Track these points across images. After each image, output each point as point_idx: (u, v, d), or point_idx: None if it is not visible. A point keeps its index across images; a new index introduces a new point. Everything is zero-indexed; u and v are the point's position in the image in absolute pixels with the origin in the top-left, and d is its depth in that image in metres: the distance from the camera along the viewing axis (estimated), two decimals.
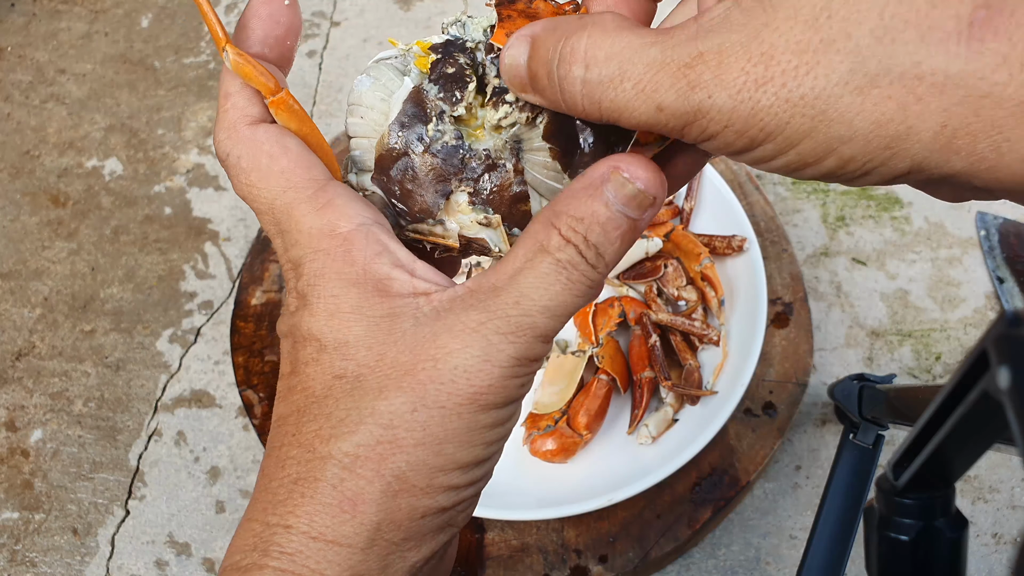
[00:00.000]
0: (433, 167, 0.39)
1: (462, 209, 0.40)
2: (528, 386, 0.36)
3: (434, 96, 0.39)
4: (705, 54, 0.32)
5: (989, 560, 0.85)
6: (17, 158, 1.16)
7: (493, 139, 0.39)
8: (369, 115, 0.40)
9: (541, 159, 0.39)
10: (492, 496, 0.82)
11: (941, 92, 0.29)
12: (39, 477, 0.94)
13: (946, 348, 0.96)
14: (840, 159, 0.32)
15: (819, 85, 0.30)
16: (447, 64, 0.39)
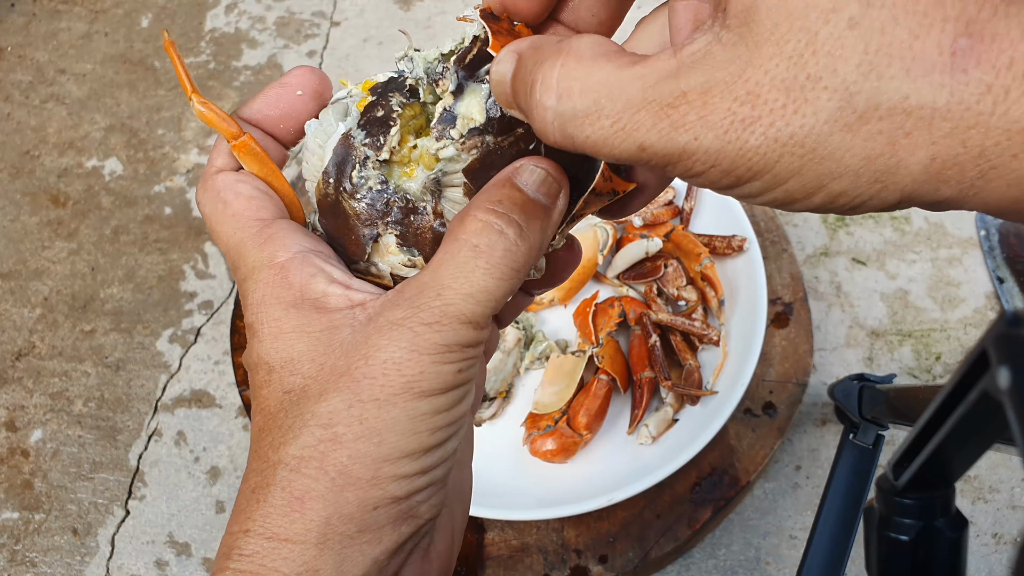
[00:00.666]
0: (359, 212, 0.40)
1: (391, 251, 0.40)
2: (470, 371, 0.36)
3: (359, 142, 0.39)
4: (688, 93, 0.31)
5: (989, 560, 0.85)
6: (17, 158, 1.16)
7: (421, 177, 0.39)
8: (311, 159, 0.41)
9: (459, 196, 0.39)
10: (492, 496, 0.82)
11: (929, 125, 0.29)
12: (39, 477, 0.94)
13: (946, 348, 0.96)
14: (829, 194, 0.31)
15: (808, 123, 0.30)
16: (377, 108, 0.40)
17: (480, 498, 0.81)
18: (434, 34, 1.24)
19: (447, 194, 0.39)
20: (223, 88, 1.21)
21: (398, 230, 0.40)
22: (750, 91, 0.30)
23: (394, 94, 0.40)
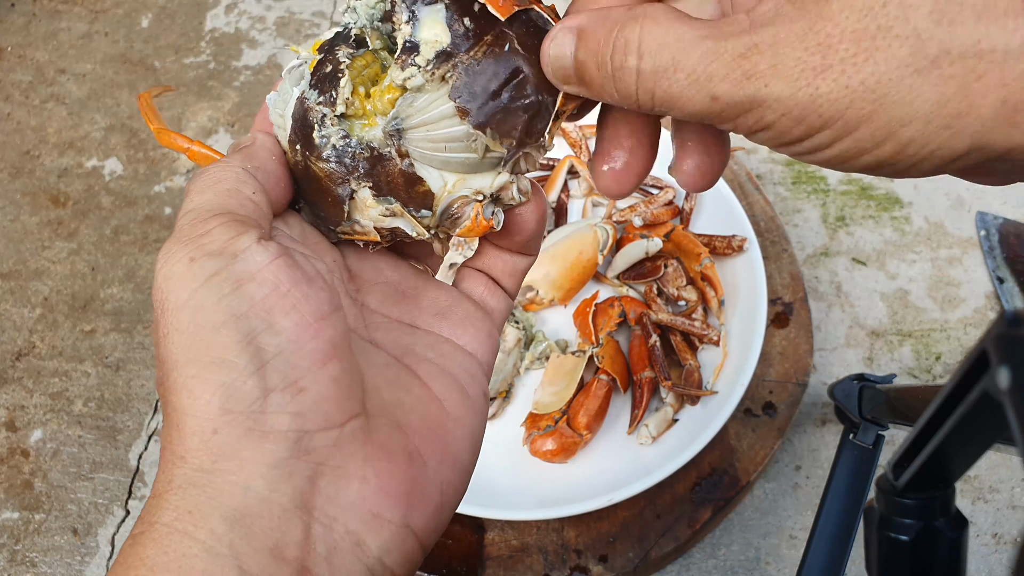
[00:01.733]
0: (329, 172, 0.39)
1: (370, 204, 0.40)
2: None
3: (314, 102, 0.39)
4: (760, 45, 0.32)
5: (989, 560, 0.85)
6: (17, 158, 1.16)
7: (381, 124, 0.39)
8: (280, 133, 0.41)
9: (424, 135, 0.38)
10: (492, 496, 0.82)
11: (1001, 68, 0.30)
12: (39, 477, 0.94)
13: (946, 348, 0.96)
14: (898, 143, 0.32)
15: (879, 70, 0.31)
16: (325, 64, 0.40)
17: (480, 498, 0.81)
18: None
19: (412, 135, 0.38)
20: (223, 88, 1.21)
21: (370, 182, 0.39)
22: (821, 42, 0.31)
23: (340, 47, 0.40)
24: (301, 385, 0.33)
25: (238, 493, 0.32)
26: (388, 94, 0.39)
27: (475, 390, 0.39)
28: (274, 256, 0.34)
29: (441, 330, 0.41)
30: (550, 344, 0.91)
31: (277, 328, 0.33)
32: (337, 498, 0.33)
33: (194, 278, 0.33)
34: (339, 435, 0.33)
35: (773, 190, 1.06)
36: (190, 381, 0.32)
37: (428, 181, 0.39)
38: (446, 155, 0.39)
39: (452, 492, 0.37)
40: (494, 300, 0.43)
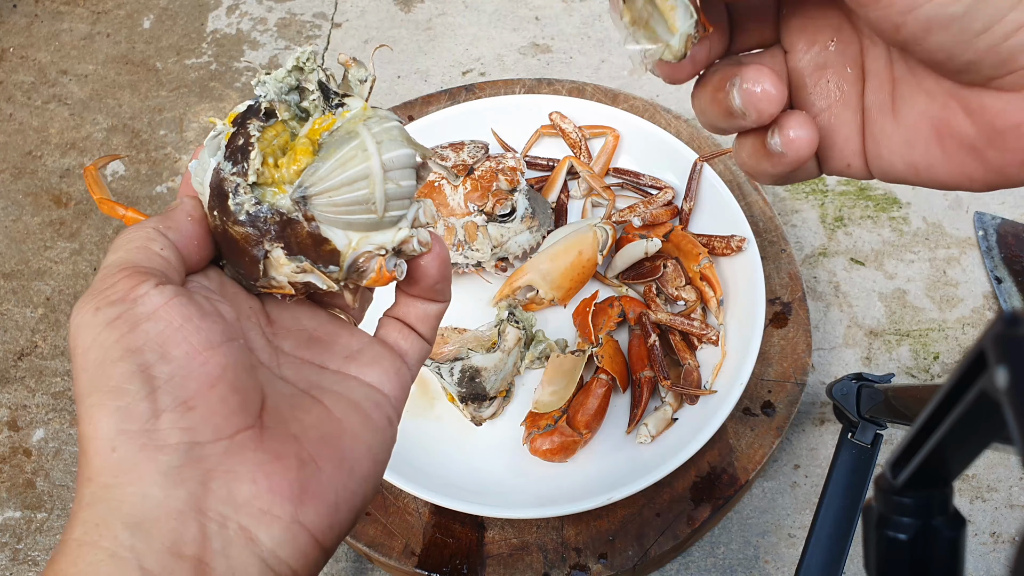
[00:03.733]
0: (245, 235, 0.43)
1: (283, 262, 0.44)
2: None
3: (228, 173, 0.43)
4: None
5: (987, 559, 0.86)
6: (19, 158, 1.17)
7: (288, 191, 0.43)
8: (202, 199, 0.44)
9: (327, 201, 0.42)
10: (492, 495, 0.82)
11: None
12: (41, 476, 0.94)
13: (944, 348, 0.97)
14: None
15: None
16: (237, 137, 0.43)
17: (480, 496, 0.81)
18: (434, 35, 1.24)
19: (317, 201, 0.42)
20: (224, 89, 1.21)
21: (282, 243, 0.43)
22: None
23: (252, 120, 0.44)
24: (191, 404, 0.37)
25: (137, 501, 0.36)
26: (295, 164, 0.43)
27: (378, 415, 0.43)
28: (170, 297, 0.39)
29: (349, 369, 0.45)
30: (550, 344, 0.91)
31: (169, 358, 0.37)
32: (229, 498, 0.37)
33: (97, 324, 0.38)
34: (229, 444, 0.38)
35: (771, 190, 1.07)
36: (91, 409, 0.37)
37: (334, 240, 0.43)
38: (348, 217, 0.43)
39: (349, 496, 0.41)
40: (407, 343, 0.47)
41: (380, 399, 0.44)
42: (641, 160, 1.01)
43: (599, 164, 1.00)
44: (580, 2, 1.27)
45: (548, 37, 1.23)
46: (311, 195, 0.42)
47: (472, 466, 0.85)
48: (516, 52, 1.22)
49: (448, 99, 1.10)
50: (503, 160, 0.95)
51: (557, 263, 0.91)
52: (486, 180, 0.93)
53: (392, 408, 0.45)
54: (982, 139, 0.39)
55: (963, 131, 0.40)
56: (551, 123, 1.02)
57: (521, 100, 1.05)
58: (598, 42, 1.23)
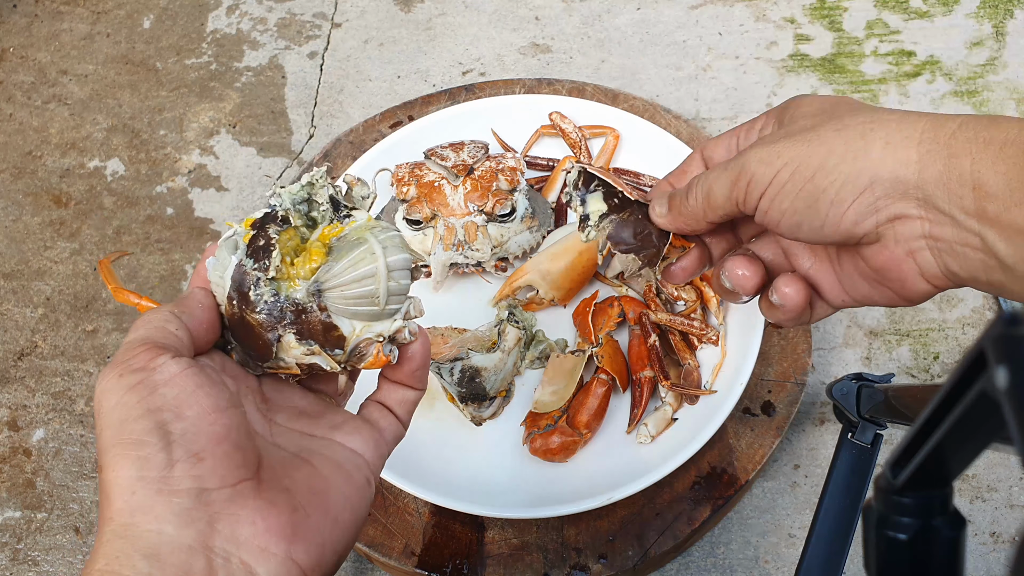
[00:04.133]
0: (261, 322, 0.51)
1: (292, 345, 0.51)
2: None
3: (250, 268, 0.51)
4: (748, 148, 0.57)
5: (987, 559, 0.86)
6: (19, 158, 1.17)
7: (303, 286, 0.51)
8: (217, 290, 0.52)
9: (339, 294, 0.51)
10: (492, 495, 0.82)
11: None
12: (41, 476, 0.94)
13: (944, 348, 0.97)
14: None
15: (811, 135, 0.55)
16: (259, 239, 0.52)
17: (480, 497, 0.81)
18: (434, 35, 1.25)
19: (330, 294, 0.51)
20: (224, 89, 1.21)
21: (295, 329, 0.51)
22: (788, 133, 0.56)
23: (270, 225, 0.52)
24: (201, 456, 0.43)
25: (153, 537, 0.41)
26: (309, 263, 0.52)
27: (358, 475, 0.50)
28: (184, 367, 0.45)
29: (334, 436, 0.52)
30: (550, 344, 0.92)
31: (183, 417, 0.44)
32: (232, 537, 0.43)
33: (121, 388, 0.44)
34: (233, 492, 0.44)
35: None
36: (114, 459, 0.42)
37: (341, 328, 0.51)
38: (355, 308, 0.51)
39: (333, 541, 0.47)
40: (385, 422, 0.54)
41: (360, 462, 0.51)
42: (641, 160, 1.01)
43: (599, 164, 1.00)
44: (580, 2, 1.27)
45: (548, 37, 1.24)
46: (325, 289, 0.51)
47: (472, 466, 0.85)
48: (516, 52, 1.22)
49: (448, 99, 1.10)
50: (503, 160, 0.95)
51: (557, 263, 0.91)
52: (486, 180, 0.93)
53: (370, 471, 0.52)
54: (876, 275, 0.56)
55: (867, 271, 0.57)
56: (551, 123, 1.02)
57: (521, 100, 1.05)
58: (598, 42, 1.23)
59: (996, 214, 0.48)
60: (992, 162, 0.48)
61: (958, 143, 0.50)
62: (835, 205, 0.53)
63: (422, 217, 0.92)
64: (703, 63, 1.20)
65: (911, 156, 0.51)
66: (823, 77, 1.17)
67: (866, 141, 0.52)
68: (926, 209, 0.51)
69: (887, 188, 0.52)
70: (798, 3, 1.24)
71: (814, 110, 0.57)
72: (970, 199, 0.49)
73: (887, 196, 0.52)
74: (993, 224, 0.49)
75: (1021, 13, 1.21)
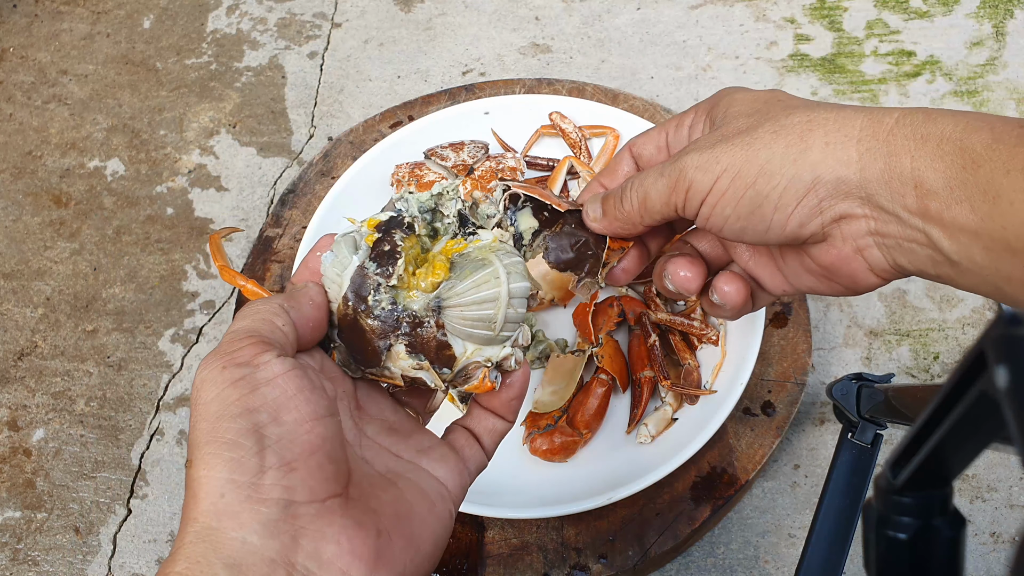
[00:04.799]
0: (375, 328, 0.50)
1: (401, 356, 0.51)
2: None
3: (372, 272, 0.50)
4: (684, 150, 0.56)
5: (987, 559, 0.86)
6: (19, 158, 1.17)
7: (423, 298, 0.51)
8: (331, 286, 0.51)
9: (458, 314, 0.50)
10: (492, 495, 0.82)
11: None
12: (41, 476, 0.94)
13: (944, 348, 0.97)
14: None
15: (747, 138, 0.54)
16: (384, 243, 0.51)
17: (480, 497, 0.81)
18: (434, 35, 1.25)
19: (448, 312, 0.50)
20: (224, 89, 1.21)
21: (407, 340, 0.50)
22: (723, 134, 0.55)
23: (396, 231, 0.51)
24: (293, 466, 0.42)
25: (236, 545, 0.40)
26: (432, 276, 0.51)
27: (441, 506, 0.49)
28: (288, 368, 0.44)
29: (420, 462, 0.51)
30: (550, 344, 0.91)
31: (280, 421, 0.43)
32: (315, 555, 0.42)
33: (223, 381, 0.43)
34: (321, 507, 0.43)
35: None
36: (207, 457, 0.42)
37: (454, 347, 0.51)
38: (471, 330, 0.51)
39: (413, 569, 0.46)
40: (471, 451, 0.53)
41: (444, 492, 0.50)
42: None
43: (599, 164, 1.00)
44: (580, 2, 1.27)
45: (548, 37, 1.24)
46: (445, 306, 0.51)
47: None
48: (516, 52, 1.22)
49: (448, 99, 1.10)
50: (503, 160, 0.95)
51: None
52: (486, 180, 0.93)
53: (453, 503, 0.51)
54: (825, 271, 0.56)
55: (814, 268, 0.56)
56: (551, 123, 1.02)
57: (521, 100, 1.05)
58: (598, 42, 1.23)
59: (938, 212, 0.49)
60: (931, 160, 0.48)
61: (896, 140, 0.50)
62: (779, 210, 0.53)
63: None
64: (703, 63, 1.20)
65: (851, 155, 0.51)
66: (823, 77, 1.17)
67: (805, 142, 0.51)
68: (870, 208, 0.51)
69: (830, 189, 0.51)
70: (798, 3, 1.24)
71: (747, 108, 0.56)
72: (912, 197, 0.49)
73: (830, 197, 0.52)
74: (936, 222, 0.49)
75: (1021, 13, 1.21)
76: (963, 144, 0.48)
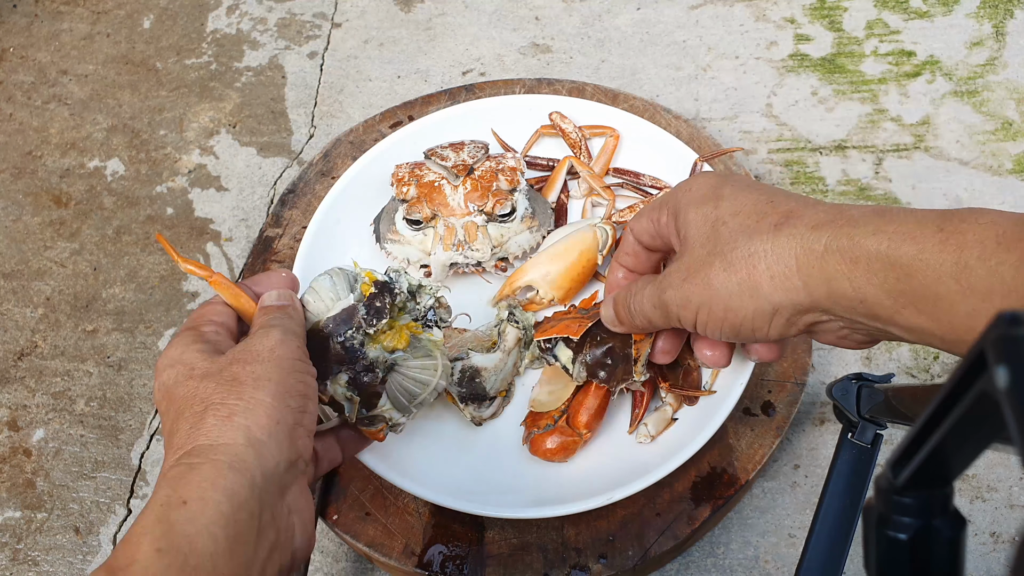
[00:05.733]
0: (336, 353, 0.66)
1: (341, 384, 0.66)
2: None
3: (361, 316, 0.66)
4: (664, 277, 0.67)
5: (987, 559, 0.86)
6: (19, 159, 1.17)
7: (380, 352, 0.67)
8: (319, 303, 0.67)
9: (400, 380, 0.69)
10: (492, 495, 0.82)
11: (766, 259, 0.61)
12: (41, 476, 0.94)
13: None
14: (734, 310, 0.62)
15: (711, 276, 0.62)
16: (377, 299, 0.67)
17: (480, 496, 0.81)
18: (434, 35, 1.25)
19: (396, 373, 0.69)
20: (224, 89, 1.21)
21: (352, 374, 0.66)
22: (685, 269, 0.64)
23: (387, 295, 0.68)
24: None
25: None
26: (396, 342, 0.69)
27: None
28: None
29: None
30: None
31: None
32: None
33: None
34: None
35: None
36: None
37: (380, 400, 0.68)
38: (398, 395, 0.69)
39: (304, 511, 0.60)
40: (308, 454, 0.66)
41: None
42: (641, 160, 1.01)
43: (599, 164, 1.00)
44: (580, 2, 1.27)
45: (548, 37, 1.24)
46: (394, 370, 0.69)
47: (472, 466, 0.85)
48: (516, 52, 1.22)
49: (448, 99, 1.10)
50: (503, 160, 0.95)
51: (557, 263, 0.91)
52: (486, 180, 0.93)
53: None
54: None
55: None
56: (551, 123, 1.02)
57: (521, 100, 1.05)
58: (598, 42, 1.23)
59: (889, 318, 0.55)
60: (866, 280, 0.54)
61: (830, 266, 0.56)
62: (756, 331, 0.62)
63: (422, 217, 0.92)
64: (703, 63, 1.20)
65: (796, 284, 0.58)
66: (823, 77, 1.17)
67: (753, 280, 0.59)
68: (833, 315, 0.58)
69: (791, 311, 0.59)
70: (798, 3, 1.24)
71: (700, 234, 0.64)
72: (862, 309, 0.56)
73: (795, 314, 0.60)
74: (890, 324, 0.56)
75: (1021, 13, 1.21)
76: (891, 260, 0.53)
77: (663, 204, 0.69)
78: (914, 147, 1.11)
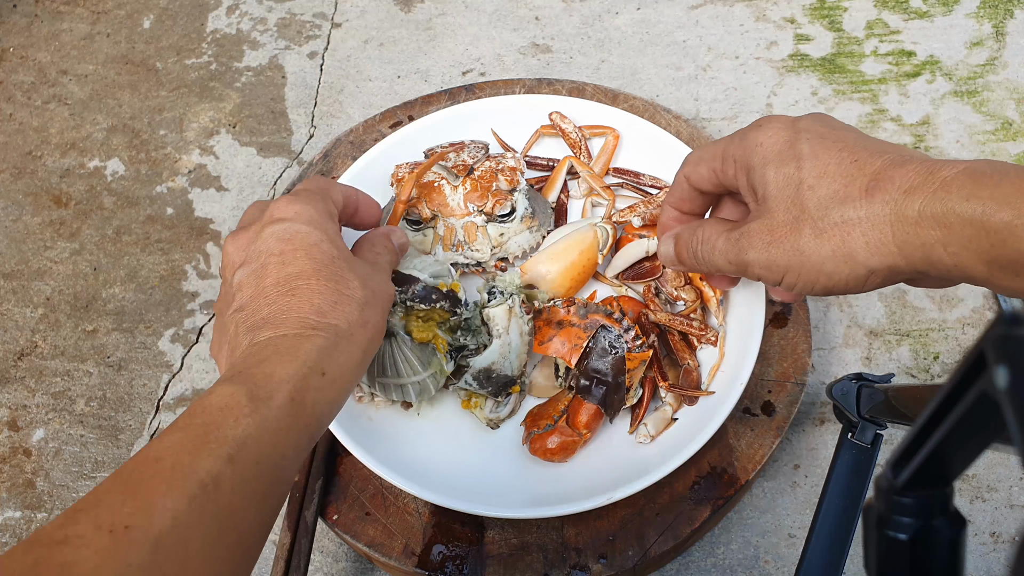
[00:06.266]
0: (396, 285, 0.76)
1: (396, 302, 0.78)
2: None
3: (417, 288, 0.77)
4: (745, 232, 0.66)
5: (987, 559, 0.86)
6: (19, 159, 1.17)
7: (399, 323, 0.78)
8: (408, 259, 0.78)
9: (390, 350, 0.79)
10: (492, 495, 0.82)
11: (859, 227, 0.60)
12: (41, 476, 0.94)
13: (944, 348, 0.97)
14: (826, 275, 0.62)
15: (799, 241, 0.62)
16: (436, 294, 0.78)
17: (480, 496, 0.81)
18: (434, 35, 1.25)
19: (397, 337, 0.78)
20: (224, 89, 1.21)
21: (403, 311, 0.79)
22: (771, 229, 0.64)
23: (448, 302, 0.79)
24: None
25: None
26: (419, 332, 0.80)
27: None
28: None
29: None
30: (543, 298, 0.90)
31: None
32: None
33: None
34: None
35: None
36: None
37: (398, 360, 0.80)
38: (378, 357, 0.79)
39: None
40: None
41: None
42: (641, 160, 1.01)
43: (599, 164, 1.00)
44: (580, 2, 1.27)
45: (548, 37, 1.24)
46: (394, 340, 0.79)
47: (472, 466, 0.85)
48: (516, 52, 1.22)
49: (448, 99, 1.10)
50: (503, 160, 0.95)
51: (557, 263, 0.91)
52: (486, 180, 0.93)
53: None
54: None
55: None
56: (551, 123, 1.02)
57: (521, 100, 1.05)
58: (598, 42, 1.23)
59: (984, 280, 0.57)
60: (961, 246, 0.55)
61: (924, 233, 0.56)
62: (849, 290, 0.62)
63: (422, 217, 0.92)
64: (703, 63, 1.20)
65: (892, 250, 0.58)
66: (823, 77, 1.17)
67: (848, 246, 0.60)
68: (929, 275, 0.60)
69: (886, 273, 0.60)
70: (798, 3, 1.24)
71: (785, 195, 0.63)
72: (957, 273, 0.57)
73: (891, 275, 0.60)
74: (986, 285, 0.58)
75: (1021, 13, 1.21)
76: (985, 226, 0.53)
77: (727, 156, 0.68)
78: (914, 147, 1.11)
